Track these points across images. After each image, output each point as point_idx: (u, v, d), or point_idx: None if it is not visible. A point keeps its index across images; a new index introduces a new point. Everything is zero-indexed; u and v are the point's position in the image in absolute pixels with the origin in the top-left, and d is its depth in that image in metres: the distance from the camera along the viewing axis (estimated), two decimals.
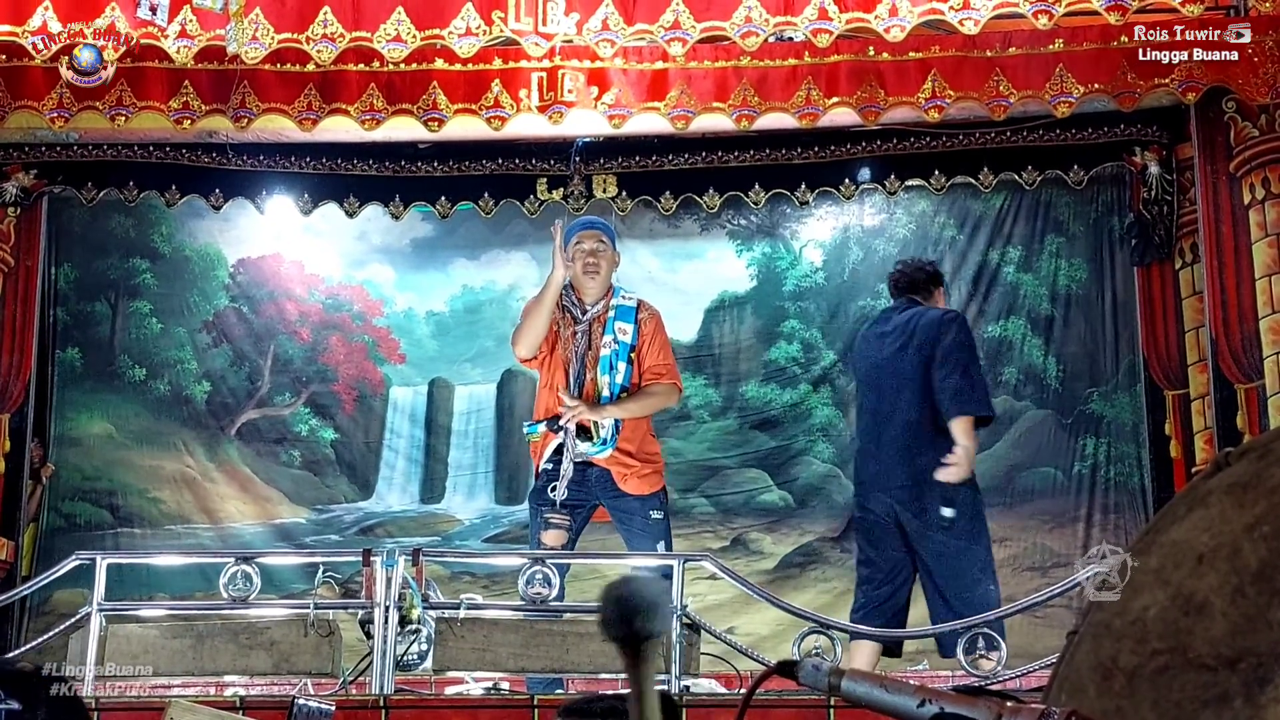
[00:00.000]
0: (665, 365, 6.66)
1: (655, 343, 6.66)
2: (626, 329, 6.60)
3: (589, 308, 6.65)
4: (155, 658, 5.53)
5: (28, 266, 10.20)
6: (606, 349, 6.55)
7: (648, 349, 6.62)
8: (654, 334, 6.67)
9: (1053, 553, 10.35)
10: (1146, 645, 1.29)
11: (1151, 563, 1.35)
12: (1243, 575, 1.26)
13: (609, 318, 6.62)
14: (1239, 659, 1.23)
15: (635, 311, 6.67)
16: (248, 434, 11.33)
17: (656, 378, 6.61)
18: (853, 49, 8.37)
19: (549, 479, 6.50)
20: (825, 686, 1.91)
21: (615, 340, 6.57)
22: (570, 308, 6.67)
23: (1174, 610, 1.29)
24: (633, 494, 6.50)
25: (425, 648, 5.45)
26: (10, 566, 9.85)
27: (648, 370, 6.60)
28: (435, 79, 8.45)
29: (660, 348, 6.68)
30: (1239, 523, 1.29)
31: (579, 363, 6.57)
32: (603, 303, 6.66)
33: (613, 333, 6.58)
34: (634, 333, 6.60)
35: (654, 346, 6.64)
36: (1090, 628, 1.39)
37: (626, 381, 6.56)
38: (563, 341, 6.62)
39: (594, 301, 6.66)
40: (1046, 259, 10.81)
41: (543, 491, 6.52)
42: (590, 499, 6.57)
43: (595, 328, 6.61)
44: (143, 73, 8.41)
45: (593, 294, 6.67)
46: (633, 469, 6.52)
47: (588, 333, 6.60)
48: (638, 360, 6.61)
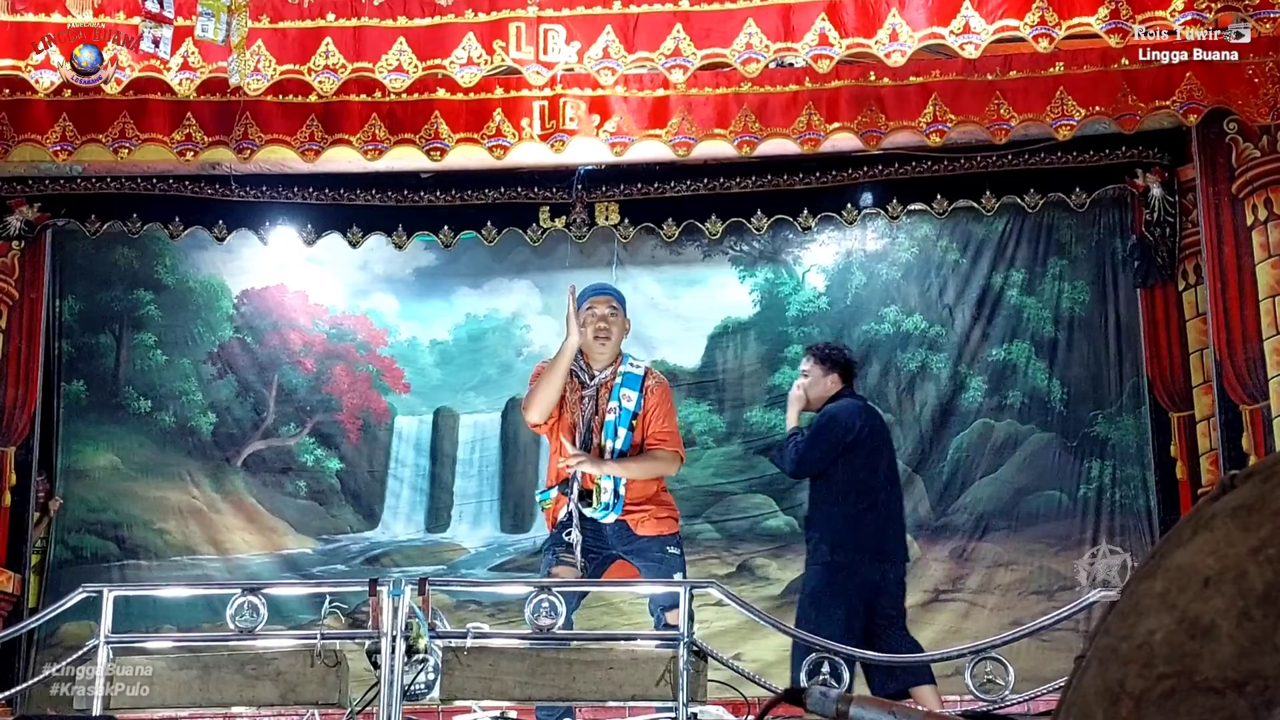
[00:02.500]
0: (668, 433, 6.62)
1: (660, 410, 6.61)
2: (631, 395, 6.58)
3: (597, 373, 6.64)
4: (162, 689, 5.52)
5: (32, 299, 10.24)
6: (611, 414, 6.53)
7: (652, 416, 6.60)
8: (659, 402, 6.62)
9: (1059, 576, 10.33)
10: (1153, 669, 1.29)
11: (1157, 586, 1.35)
12: (1249, 598, 1.26)
13: (615, 384, 6.60)
14: (1246, 682, 1.23)
15: (642, 379, 6.65)
16: (253, 465, 11.33)
17: (659, 443, 6.58)
18: (854, 74, 8.39)
19: (565, 526, 6.48)
20: (833, 713, 1.90)
21: (620, 406, 6.56)
22: (578, 373, 6.65)
23: (1180, 634, 1.29)
24: (647, 535, 6.50)
25: (432, 677, 5.43)
26: (17, 599, 9.85)
27: (650, 436, 6.57)
28: (437, 109, 8.49)
29: (665, 416, 6.63)
30: (1244, 546, 1.29)
31: (585, 427, 6.56)
32: (610, 369, 6.65)
33: (618, 399, 6.56)
34: (638, 400, 6.58)
35: (658, 414, 6.60)
36: (1097, 652, 1.39)
37: (627, 446, 6.53)
38: (569, 406, 6.61)
39: (602, 368, 6.65)
40: (1049, 282, 10.81)
41: (558, 535, 6.51)
42: (606, 548, 6.56)
43: (602, 393, 6.59)
44: (145, 105, 8.45)
45: (602, 360, 6.65)
46: (647, 512, 6.51)
47: (595, 398, 6.59)
48: (640, 427, 6.59)
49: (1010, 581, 10.41)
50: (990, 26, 6.83)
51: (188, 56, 7.10)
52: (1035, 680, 6.24)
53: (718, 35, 7.10)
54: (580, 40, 7.13)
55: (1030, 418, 10.71)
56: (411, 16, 7.22)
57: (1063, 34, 6.83)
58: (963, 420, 10.77)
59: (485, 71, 7.30)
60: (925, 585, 10.44)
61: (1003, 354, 10.78)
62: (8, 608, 9.74)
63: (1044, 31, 6.78)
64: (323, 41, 7.20)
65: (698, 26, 7.10)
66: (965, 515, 10.58)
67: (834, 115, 8.47)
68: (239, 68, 6.85)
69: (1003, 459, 10.64)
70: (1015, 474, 10.63)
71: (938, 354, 10.87)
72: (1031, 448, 10.68)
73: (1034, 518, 10.52)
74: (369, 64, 7.21)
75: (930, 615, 10.36)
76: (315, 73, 7.21)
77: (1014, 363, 10.76)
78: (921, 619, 10.33)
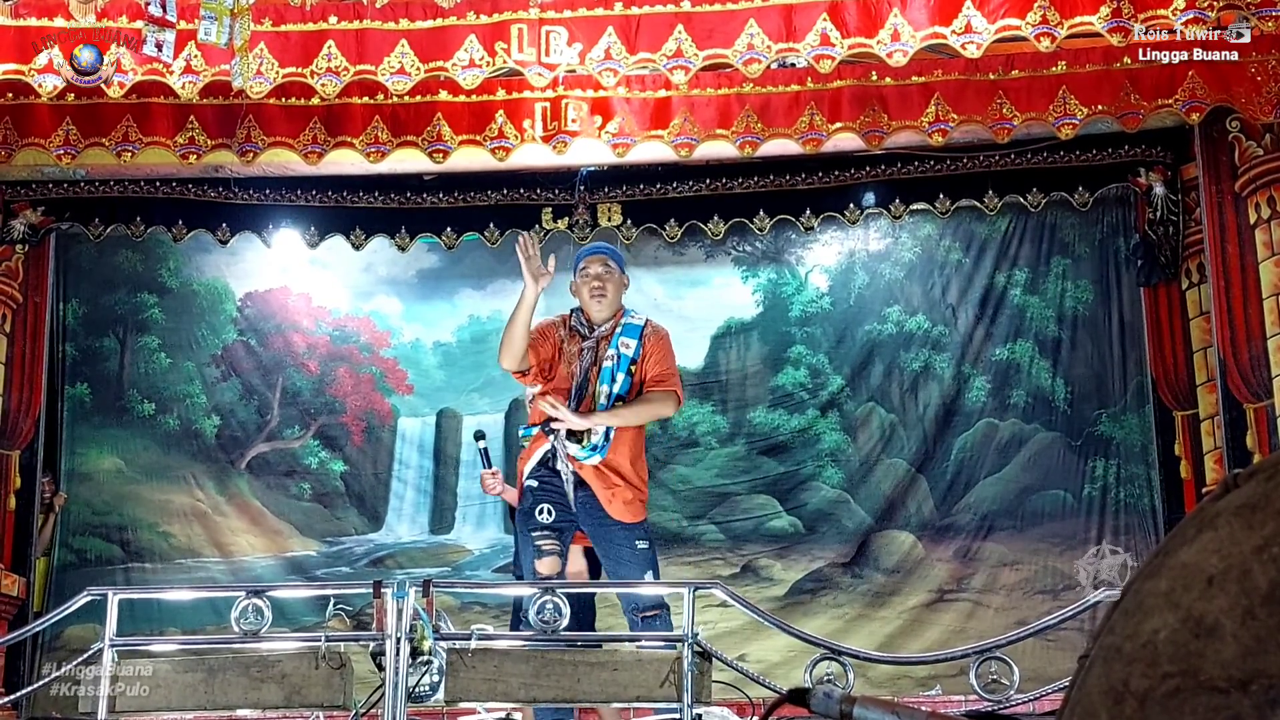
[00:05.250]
0: (667, 373, 6.59)
1: (658, 354, 6.59)
2: (630, 343, 6.59)
3: (597, 328, 6.65)
4: (167, 692, 5.53)
5: (36, 303, 10.25)
6: (609, 361, 6.54)
7: (650, 361, 6.58)
8: (657, 347, 6.62)
9: (1063, 576, 10.33)
10: (1158, 668, 1.29)
11: (1161, 585, 1.35)
12: (1253, 597, 1.26)
13: (615, 334, 6.61)
14: (1250, 681, 1.23)
15: (641, 329, 6.66)
16: (257, 467, 11.33)
17: (657, 384, 6.56)
18: (855, 74, 8.39)
19: (535, 500, 6.47)
20: (837, 714, 1.90)
21: (618, 354, 6.56)
22: (579, 328, 6.67)
23: (1184, 633, 1.29)
24: (617, 519, 6.46)
25: (437, 679, 5.44)
26: (22, 603, 9.85)
27: (650, 379, 6.55)
28: (439, 111, 8.49)
29: (662, 358, 6.60)
30: (1249, 544, 1.29)
31: (582, 376, 6.56)
32: (611, 322, 6.66)
33: (616, 347, 6.57)
34: (636, 347, 6.58)
35: (656, 357, 6.58)
36: (1101, 651, 1.38)
37: (624, 391, 6.51)
38: (567, 359, 6.61)
39: (602, 323, 6.66)
40: (1053, 281, 10.80)
41: (530, 515, 6.49)
42: (574, 521, 6.54)
43: (603, 345, 6.60)
44: (148, 108, 8.46)
45: (600, 317, 6.66)
46: (618, 490, 6.45)
47: (594, 349, 6.59)
48: (639, 372, 6.58)
49: (1015, 581, 10.40)
50: (992, 26, 6.83)
51: (190, 60, 7.11)
52: (1040, 680, 6.25)
53: (719, 36, 7.10)
54: (582, 42, 7.13)
55: (1034, 417, 10.70)
56: (413, 19, 7.23)
57: (1064, 33, 6.83)
58: (966, 420, 10.76)
59: (487, 73, 7.31)
60: (930, 585, 10.45)
61: (1006, 354, 10.77)
62: (13, 611, 9.75)
63: (1046, 31, 6.78)
64: (325, 44, 7.21)
65: (699, 27, 7.11)
66: (969, 515, 10.58)
67: (836, 115, 8.47)
68: (241, 71, 6.86)
69: (1007, 459, 10.64)
70: (1019, 473, 10.63)
71: (941, 354, 10.87)
72: (1035, 447, 10.67)
73: (1038, 517, 10.51)
74: (371, 66, 7.22)
75: (935, 615, 10.36)
76: (318, 75, 7.21)
77: (1018, 362, 10.75)
78: (926, 619, 10.34)
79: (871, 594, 10.53)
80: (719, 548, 10.90)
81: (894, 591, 10.50)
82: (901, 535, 10.66)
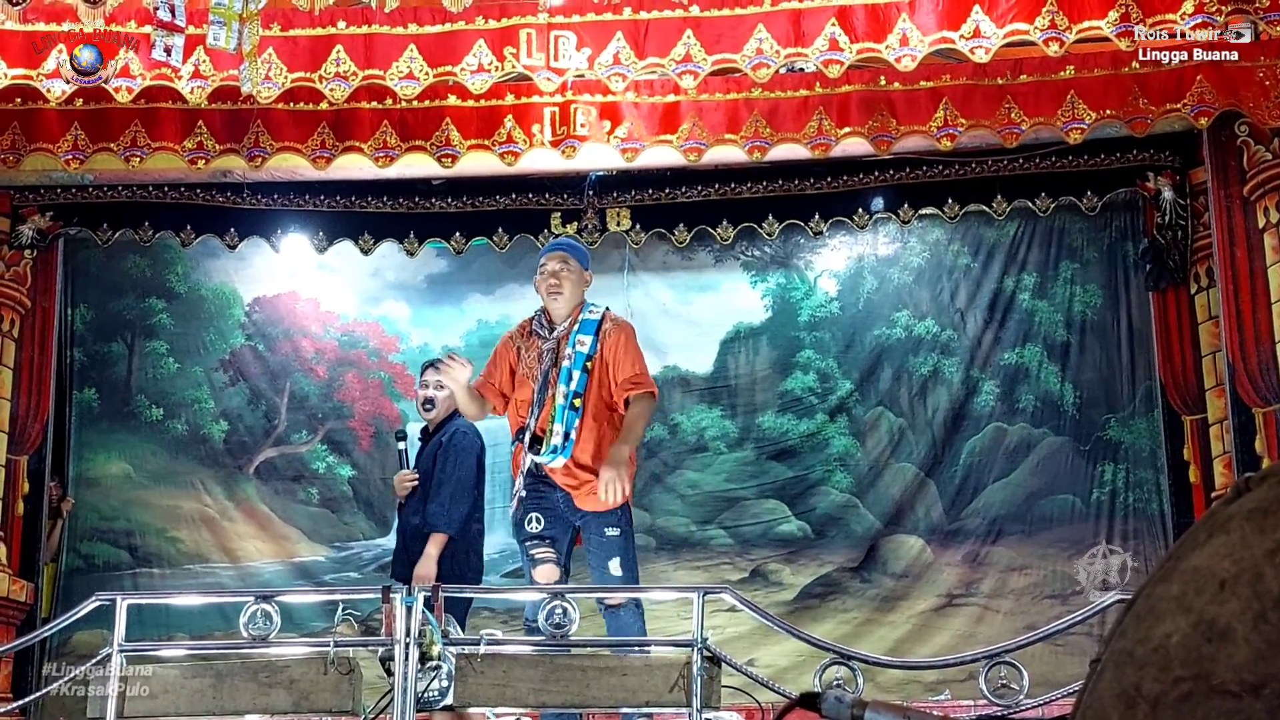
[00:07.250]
0: (639, 374, 6.51)
1: (626, 356, 6.51)
2: (586, 340, 6.56)
3: (557, 325, 6.64)
4: (175, 697, 5.53)
5: (44, 308, 10.26)
6: (567, 360, 6.52)
7: (618, 363, 6.51)
8: (622, 346, 6.54)
9: (1072, 580, 10.31)
10: (1169, 673, 1.29)
11: (1173, 590, 1.34)
12: (1265, 601, 1.25)
13: (573, 331, 6.60)
14: (1263, 685, 1.22)
15: (598, 324, 6.62)
16: (265, 472, 11.33)
17: (635, 386, 6.50)
18: (864, 79, 8.40)
19: (524, 510, 6.48)
20: (849, 718, 1.90)
21: (574, 351, 6.53)
22: (538, 330, 6.67)
23: (1196, 637, 1.28)
24: (589, 511, 6.45)
25: (445, 684, 5.44)
26: (30, 608, 9.86)
27: (623, 383, 6.49)
28: (448, 115, 8.50)
29: (631, 360, 6.51)
30: (1260, 548, 1.29)
31: (542, 380, 6.54)
32: (569, 320, 6.64)
33: (573, 345, 6.55)
34: (592, 344, 6.55)
35: (625, 359, 6.50)
36: (1113, 655, 1.38)
37: (581, 389, 6.47)
38: (526, 367, 6.61)
39: (562, 319, 6.65)
40: (1061, 285, 10.78)
41: (520, 526, 6.51)
42: (567, 527, 6.53)
43: (562, 345, 6.58)
44: (157, 114, 8.47)
45: (560, 313, 6.64)
46: (586, 484, 6.44)
47: (555, 350, 6.58)
48: (597, 369, 6.53)
49: (1024, 586, 10.38)
50: (1000, 30, 6.83)
51: (199, 65, 7.12)
52: (1050, 685, 6.23)
53: (728, 41, 7.11)
54: (591, 46, 7.14)
55: (1043, 421, 10.68)
56: (422, 24, 7.24)
57: (1073, 37, 6.82)
58: (975, 424, 10.75)
59: (496, 78, 7.31)
60: (938, 590, 10.43)
61: (1015, 358, 10.75)
62: (21, 616, 9.76)
63: (1054, 35, 6.78)
64: (334, 49, 7.22)
65: (708, 32, 7.11)
66: (978, 520, 10.56)
67: (845, 120, 8.48)
68: (250, 76, 6.86)
69: (1015, 463, 10.62)
70: (1028, 478, 10.61)
71: (949, 358, 10.85)
72: (1044, 452, 10.65)
73: (1047, 522, 10.49)
74: (380, 71, 7.23)
75: (944, 620, 10.34)
76: (326, 80, 7.23)
77: (1026, 366, 10.74)
78: (935, 624, 10.33)
79: (880, 599, 10.52)
80: (728, 552, 10.89)
81: (903, 596, 10.49)
82: (910, 540, 10.65)
